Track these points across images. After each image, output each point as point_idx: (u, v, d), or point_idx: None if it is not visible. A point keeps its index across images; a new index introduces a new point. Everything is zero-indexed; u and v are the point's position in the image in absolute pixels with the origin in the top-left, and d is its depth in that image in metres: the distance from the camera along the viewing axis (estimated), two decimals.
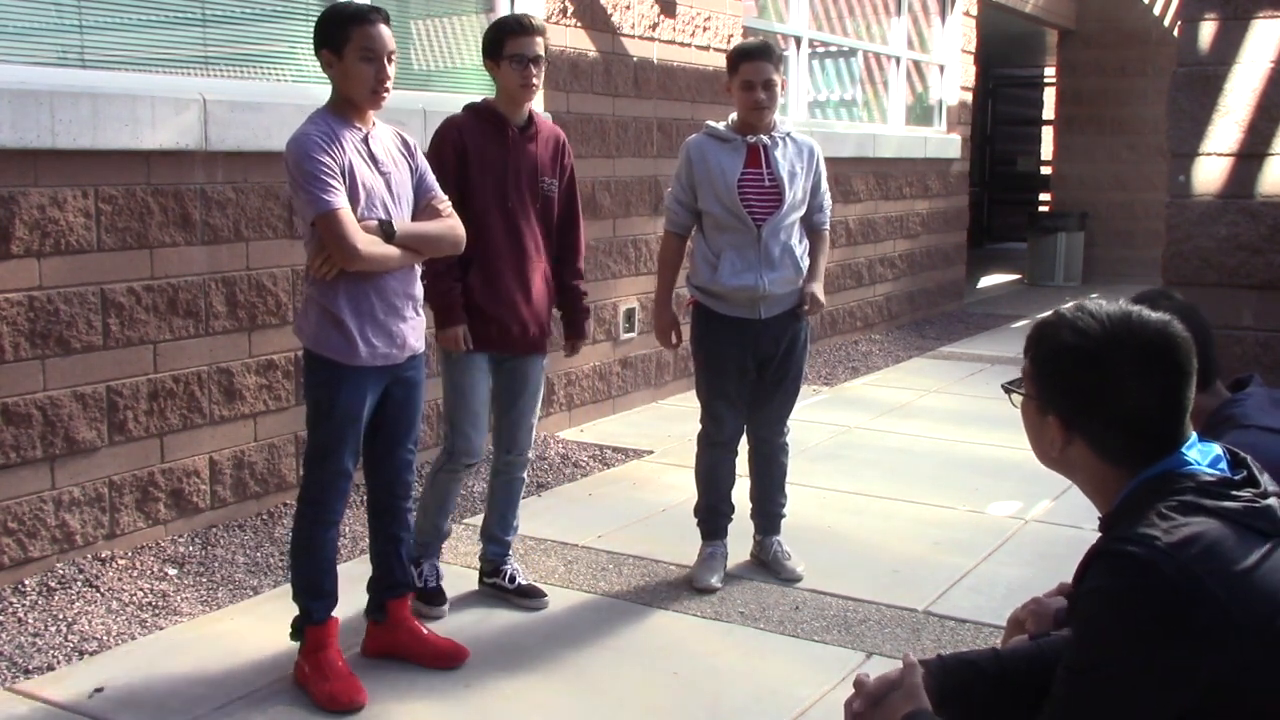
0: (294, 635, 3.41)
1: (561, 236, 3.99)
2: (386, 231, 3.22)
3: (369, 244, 3.16)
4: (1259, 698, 1.63)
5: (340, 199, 3.12)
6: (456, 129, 3.76)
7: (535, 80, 3.75)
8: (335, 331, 3.23)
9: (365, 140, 3.26)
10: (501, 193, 3.75)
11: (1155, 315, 1.78)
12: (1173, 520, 1.66)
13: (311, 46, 3.29)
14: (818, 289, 4.22)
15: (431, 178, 3.44)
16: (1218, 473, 1.75)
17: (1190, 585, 1.60)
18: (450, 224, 3.42)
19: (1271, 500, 1.72)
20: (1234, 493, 1.71)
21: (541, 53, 3.76)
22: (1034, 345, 1.88)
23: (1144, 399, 1.75)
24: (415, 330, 3.39)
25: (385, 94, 3.24)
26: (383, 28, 3.22)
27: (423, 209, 3.39)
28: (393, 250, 3.23)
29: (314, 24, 3.26)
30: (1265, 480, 1.76)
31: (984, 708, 2.01)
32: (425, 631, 3.59)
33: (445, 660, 3.51)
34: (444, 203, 3.43)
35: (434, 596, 3.92)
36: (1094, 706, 1.66)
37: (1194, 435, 1.80)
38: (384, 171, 3.27)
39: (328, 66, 3.20)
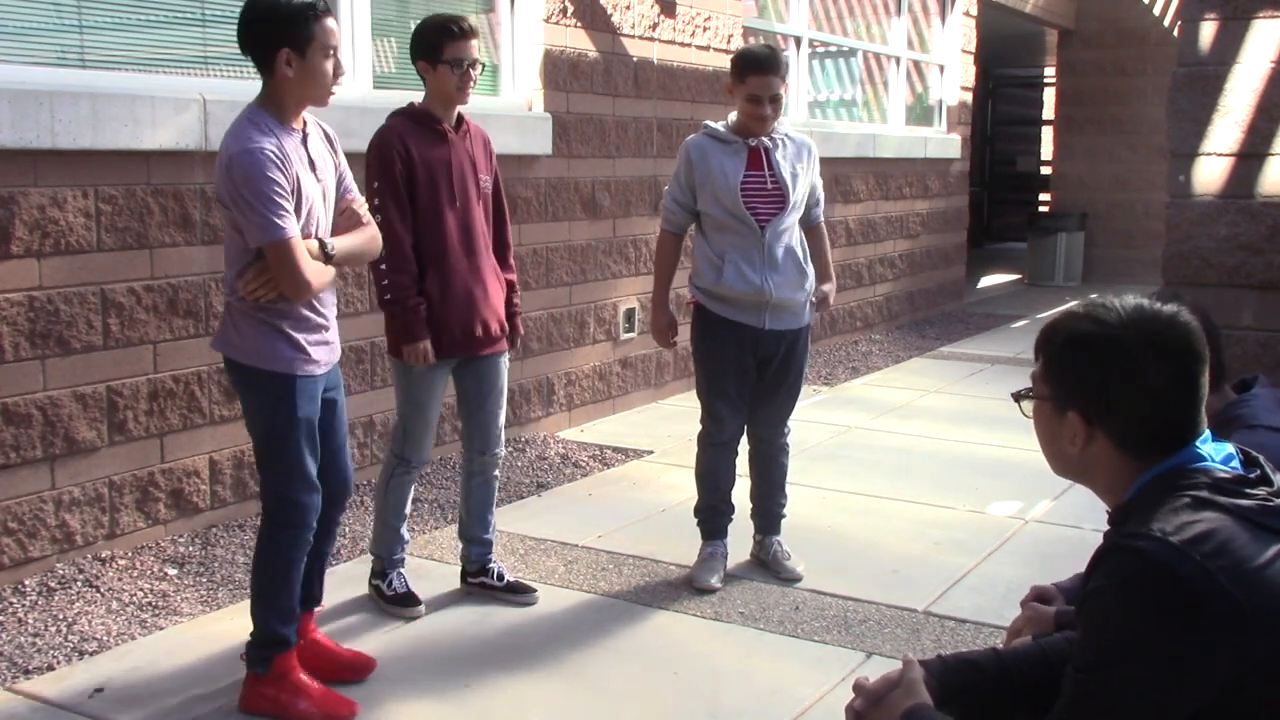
0: (258, 666, 3.21)
1: (494, 234, 3.99)
2: (327, 253, 3.10)
3: (317, 275, 3.04)
4: (1273, 696, 1.62)
5: (294, 225, 2.97)
6: (397, 135, 3.72)
7: (472, 85, 3.78)
8: (281, 342, 3.08)
9: (304, 143, 3.09)
10: (450, 193, 3.75)
11: (1166, 305, 1.79)
12: (1185, 517, 1.65)
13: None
14: (830, 290, 4.33)
15: (350, 176, 3.29)
16: (1232, 470, 1.74)
17: (1203, 582, 1.59)
18: (372, 233, 3.32)
19: None
20: (1249, 490, 1.70)
21: (477, 55, 3.77)
22: (1047, 343, 1.86)
23: (1164, 385, 1.74)
24: (337, 336, 3.30)
25: (336, 90, 3.12)
26: (333, 20, 3.06)
27: (342, 211, 3.24)
28: (331, 271, 3.13)
29: (253, 24, 3.00)
30: (1279, 480, 1.75)
31: (985, 707, 2.01)
32: (330, 644, 3.48)
33: (352, 673, 3.40)
34: (362, 205, 3.32)
35: (408, 599, 3.95)
36: (1105, 707, 1.65)
37: (1208, 431, 1.79)
38: (321, 179, 3.13)
39: (285, 66, 2.97)
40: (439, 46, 3.70)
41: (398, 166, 3.68)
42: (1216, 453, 1.77)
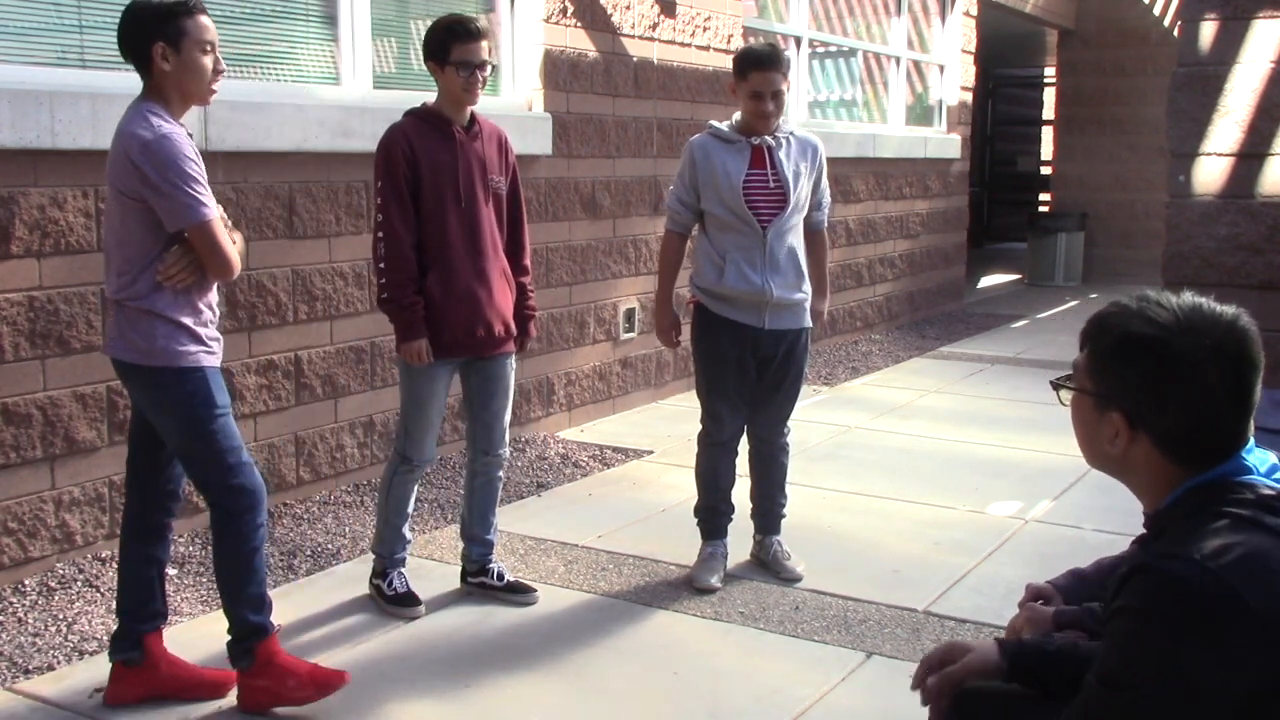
0: (242, 661, 3.20)
1: (508, 235, 3.98)
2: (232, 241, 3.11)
3: (237, 257, 3.06)
4: None
5: (215, 205, 3.01)
6: (403, 135, 3.73)
7: (480, 87, 3.76)
8: (186, 338, 3.07)
9: (190, 138, 3.08)
10: (455, 193, 3.75)
11: (1226, 307, 1.71)
12: (1225, 539, 1.59)
13: (130, 43, 3.02)
14: (824, 306, 4.34)
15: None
16: (1277, 485, 1.68)
17: (1235, 609, 1.53)
18: (239, 235, 3.28)
19: None
20: None
21: (487, 57, 3.74)
22: (1095, 337, 1.77)
23: (1217, 394, 1.66)
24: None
25: (217, 87, 3.09)
26: (208, 18, 3.04)
27: None
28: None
29: (126, 24, 3.01)
30: None
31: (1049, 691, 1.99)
32: (186, 662, 3.36)
33: (215, 690, 3.30)
34: (221, 209, 3.25)
35: (408, 599, 3.95)
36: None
37: (1253, 439, 1.72)
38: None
39: (161, 60, 2.98)
40: (447, 48, 3.70)
41: (401, 167, 3.69)
42: (1261, 464, 1.70)
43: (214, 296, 3.19)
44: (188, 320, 3.07)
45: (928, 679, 1.96)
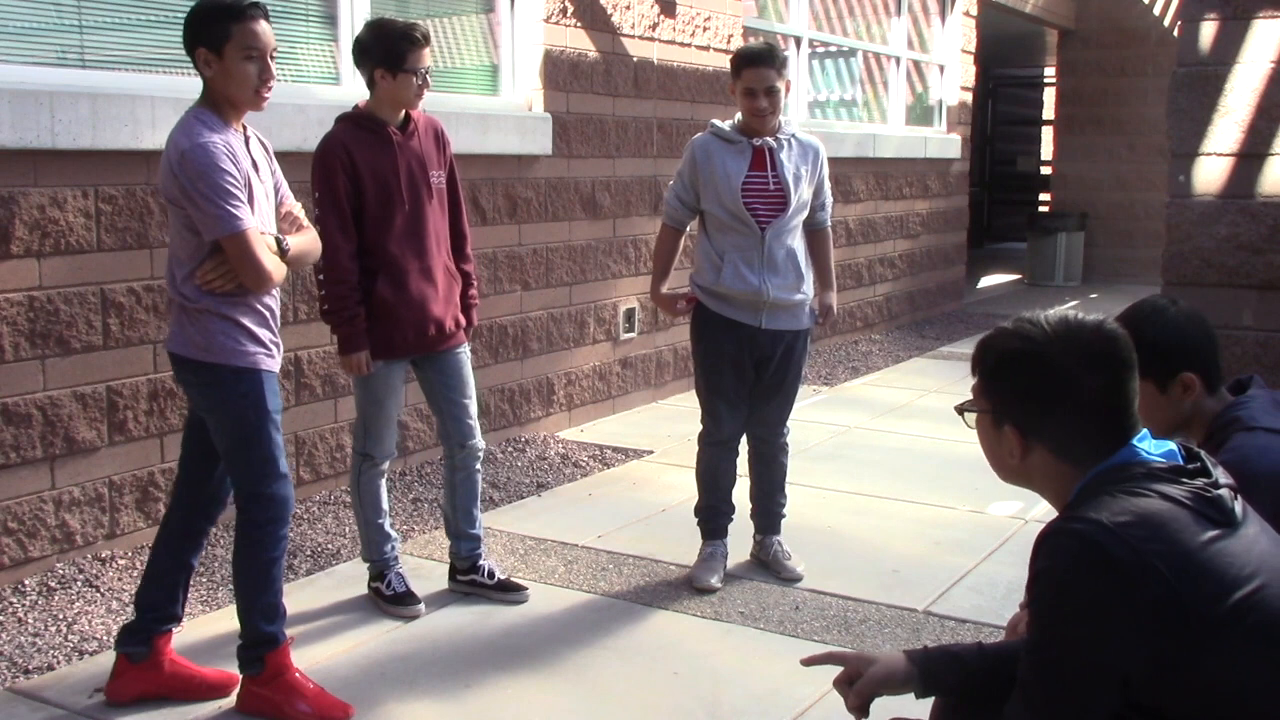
0: (251, 667, 3.21)
1: (450, 226, 3.98)
2: (282, 249, 3.13)
3: (276, 266, 3.07)
4: (1206, 679, 1.66)
5: (250, 217, 3.00)
6: (341, 145, 3.71)
7: (427, 90, 3.77)
8: (245, 338, 3.09)
9: (247, 144, 3.12)
10: (400, 197, 3.75)
11: (1091, 316, 1.86)
12: (1121, 501, 1.71)
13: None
14: (833, 299, 4.34)
15: (285, 184, 3.32)
16: (1169, 461, 1.80)
17: (1136, 562, 1.64)
18: (314, 235, 3.34)
19: (1223, 491, 1.76)
20: (1184, 480, 1.76)
21: (430, 63, 3.77)
22: (981, 360, 1.92)
23: (1094, 392, 1.80)
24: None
25: (269, 94, 3.09)
26: (264, 24, 3.05)
27: (283, 216, 3.26)
28: (284, 268, 3.14)
29: (183, 26, 3.05)
30: (1219, 473, 1.80)
31: (966, 698, 2.03)
32: (190, 665, 3.36)
33: (215, 691, 3.31)
34: (299, 208, 3.33)
35: (407, 598, 3.96)
36: (1050, 683, 1.71)
37: (1145, 429, 1.84)
38: (263, 180, 3.15)
39: (205, 65, 3.02)
40: (402, 55, 3.68)
41: (340, 178, 3.68)
42: (1156, 449, 1.82)
43: (275, 299, 3.20)
44: (246, 320, 3.09)
45: (846, 698, 2.03)
